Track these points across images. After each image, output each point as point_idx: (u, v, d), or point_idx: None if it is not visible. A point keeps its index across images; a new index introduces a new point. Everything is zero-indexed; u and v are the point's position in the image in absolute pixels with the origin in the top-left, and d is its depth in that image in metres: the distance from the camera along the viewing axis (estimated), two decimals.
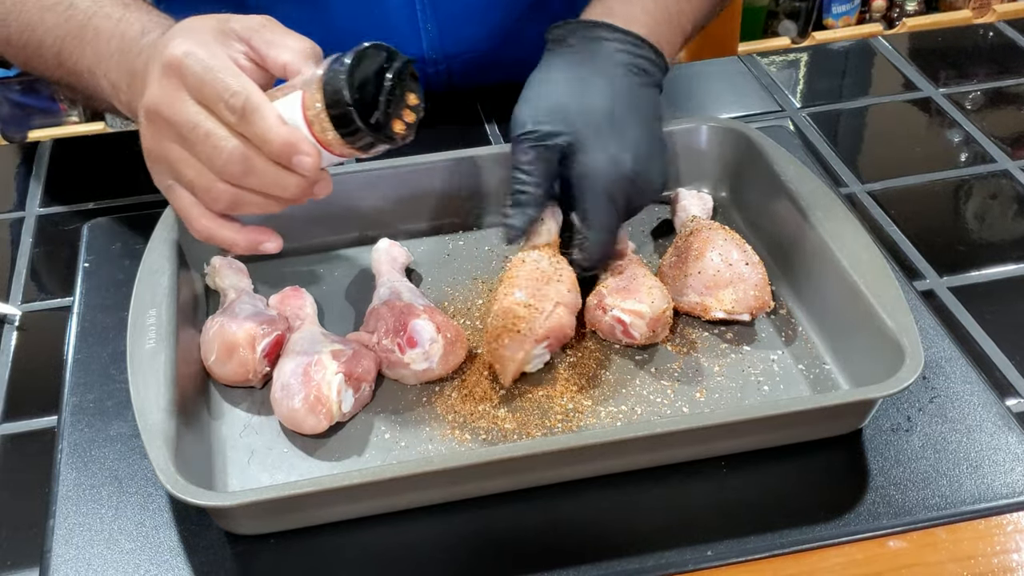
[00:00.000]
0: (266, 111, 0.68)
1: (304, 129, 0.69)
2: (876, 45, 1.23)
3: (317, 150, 0.69)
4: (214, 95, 0.68)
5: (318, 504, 0.68)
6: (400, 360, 0.77)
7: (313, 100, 0.68)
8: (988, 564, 0.68)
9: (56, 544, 0.69)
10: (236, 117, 0.68)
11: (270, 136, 0.68)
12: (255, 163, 0.69)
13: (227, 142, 0.68)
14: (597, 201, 0.80)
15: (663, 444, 0.71)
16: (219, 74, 0.68)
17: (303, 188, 0.71)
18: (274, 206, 0.72)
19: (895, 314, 0.74)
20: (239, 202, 0.71)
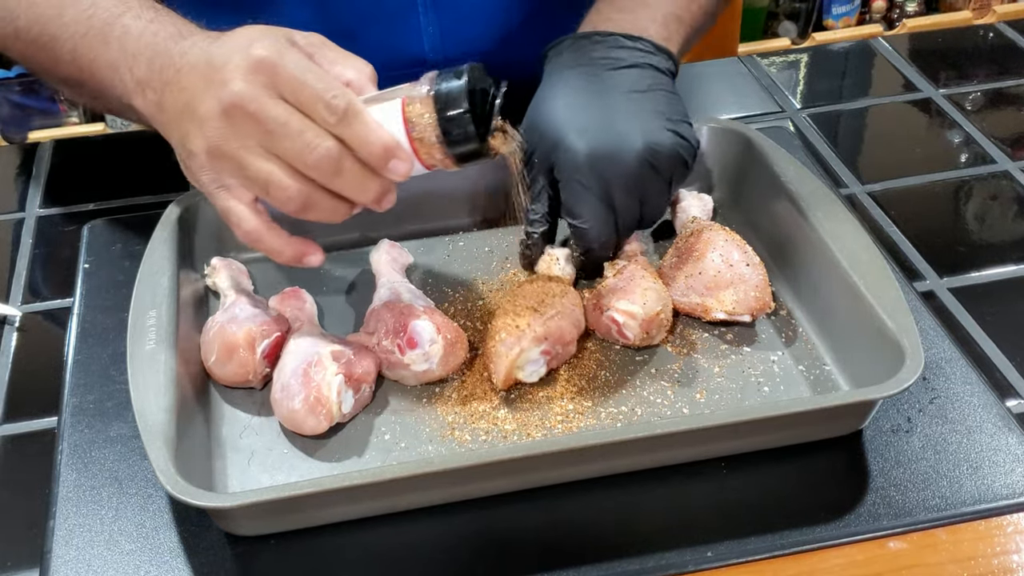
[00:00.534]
0: (367, 115, 0.70)
1: (402, 136, 0.71)
2: (876, 46, 1.23)
3: (412, 158, 0.71)
4: (313, 95, 0.69)
5: (318, 505, 0.68)
6: (400, 361, 0.77)
7: (422, 108, 0.71)
8: (988, 565, 0.68)
9: (56, 545, 0.69)
10: (336, 118, 0.68)
11: (371, 138, 0.69)
12: (346, 164, 0.70)
13: (322, 140, 0.69)
14: (569, 190, 0.82)
15: (663, 445, 0.71)
16: (318, 78, 0.69)
17: (380, 195, 0.72)
18: (341, 214, 0.73)
19: (895, 315, 0.74)
20: (311, 204, 0.71)
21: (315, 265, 0.76)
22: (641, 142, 0.80)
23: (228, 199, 0.73)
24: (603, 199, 0.81)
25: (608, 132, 0.81)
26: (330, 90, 0.69)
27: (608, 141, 0.80)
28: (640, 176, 0.81)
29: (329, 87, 0.69)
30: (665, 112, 0.82)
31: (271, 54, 0.69)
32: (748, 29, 2.30)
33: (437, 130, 0.71)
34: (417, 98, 0.71)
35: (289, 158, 0.70)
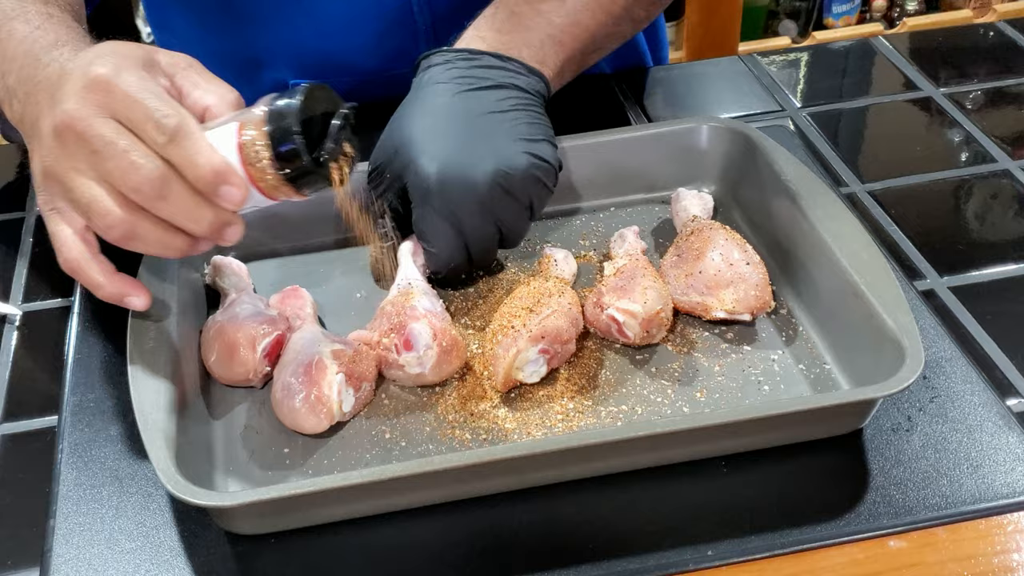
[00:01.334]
0: (200, 136, 0.66)
1: (236, 162, 0.67)
2: (876, 45, 1.23)
3: (246, 185, 0.67)
4: (143, 115, 0.65)
5: (318, 504, 0.68)
6: (395, 361, 0.77)
7: (254, 129, 0.67)
8: (988, 564, 0.68)
9: (56, 544, 0.69)
10: (165, 138, 0.65)
11: (200, 160, 0.65)
12: (173, 187, 0.66)
13: (148, 160, 0.65)
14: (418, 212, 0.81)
15: (663, 444, 0.71)
16: (152, 96, 0.66)
17: (215, 227, 0.68)
18: (172, 245, 0.69)
19: (895, 314, 0.74)
20: (135, 233, 0.68)
21: (137, 308, 0.73)
22: (492, 165, 0.78)
23: (58, 223, 0.70)
24: (453, 224, 0.80)
25: (460, 155, 0.79)
26: (161, 109, 0.65)
27: (459, 165, 0.79)
28: (492, 200, 0.79)
29: (161, 107, 0.66)
30: (524, 133, 0.81)
31: (107, 72, 0.66)
32: (748, 28, 2.30)
33: (268, 151, 0.67)
34: (251, 120, 0.67)
35: (114, 180, 0.66)
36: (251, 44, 1.09)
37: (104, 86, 0.66)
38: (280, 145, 0.66)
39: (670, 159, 0.95)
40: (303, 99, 0.67)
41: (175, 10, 1.13)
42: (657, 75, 1.19)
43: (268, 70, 1.10)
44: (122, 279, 0.72)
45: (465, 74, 0.83)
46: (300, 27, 1.06)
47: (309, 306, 0.84)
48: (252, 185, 0.68)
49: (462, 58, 0.85)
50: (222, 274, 0.86)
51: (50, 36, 0.75)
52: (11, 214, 1.01)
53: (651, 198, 0.96)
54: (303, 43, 1.08)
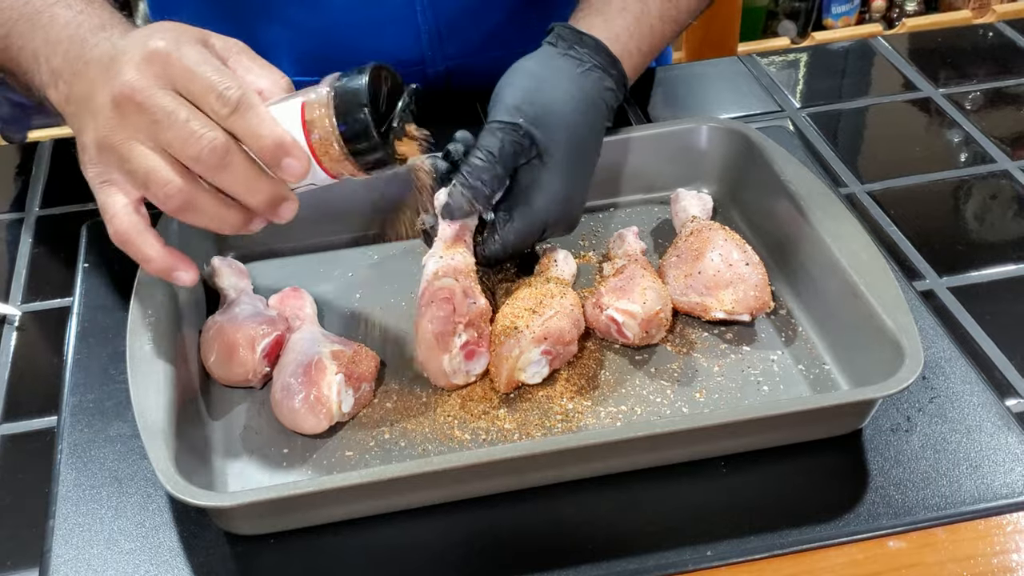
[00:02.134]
0: (263, 109, 0.67)
1: (300, 136, 0.68)
2: (876, 45, 1.23)
3: (308, 158, 0.68)
4: (205, 86, 0.66)
5: (318, 504, 0.68)
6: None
7: (320, 105, 0.67)
8: (988, 564, 0.68)
9: (56, 544, 0.69)
10: (228, 109, 0.66)
11: (263, 131, 0.66)
12: (234, 158, 0.67)
13: (209, 130, 0.66)
14: (527, 223, 0.81)
15: (663, 444, 0.71)
16: (213, 70, 0.67)
17: (271, 200, 0.69)
18: (228, 219, 0.69)
19: (895, 314, 0.74)
20: (193, 204, 0.68)
21: (185, 283, 0.73)
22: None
23: (111, 194, 0.70)
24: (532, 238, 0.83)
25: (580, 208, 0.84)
26: (224, 82, 0.66)
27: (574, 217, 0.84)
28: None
29: (224, 79, 0.66)
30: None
31: (166, 45, 0.67)
32: (748, 28, 2.30)
33: (335, 130, 0.67)
34: (316, 99, 0.68)
35: (174, 150, 0.66)
36: (254, 39, 1.09)
37: (164, 58, 0.67)
38: (348, 120, 0.67)
39: (669, 159, 0.95)
40: (370, 77, 0.68)
41: (178, 5, 1.13)
42: (657, 76, 1.19)
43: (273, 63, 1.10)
44: (172, 252, 0.72)
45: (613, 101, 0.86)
46: (303, 22, 1.06)
47: (309, 306, 0.84)
48: (314, 161, 0.68)
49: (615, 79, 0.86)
50: (221, 274, 0.86)
51: (95, 20, 0.76)
52: (11, 214, 1.01)
53: (650, 198, 0.96)
54: (306, 38, 1.08)
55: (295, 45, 1.08)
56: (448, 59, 1.11)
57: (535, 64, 0.85)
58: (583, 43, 0.85)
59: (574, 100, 0.82)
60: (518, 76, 0.83)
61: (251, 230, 0.71)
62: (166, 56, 0.67)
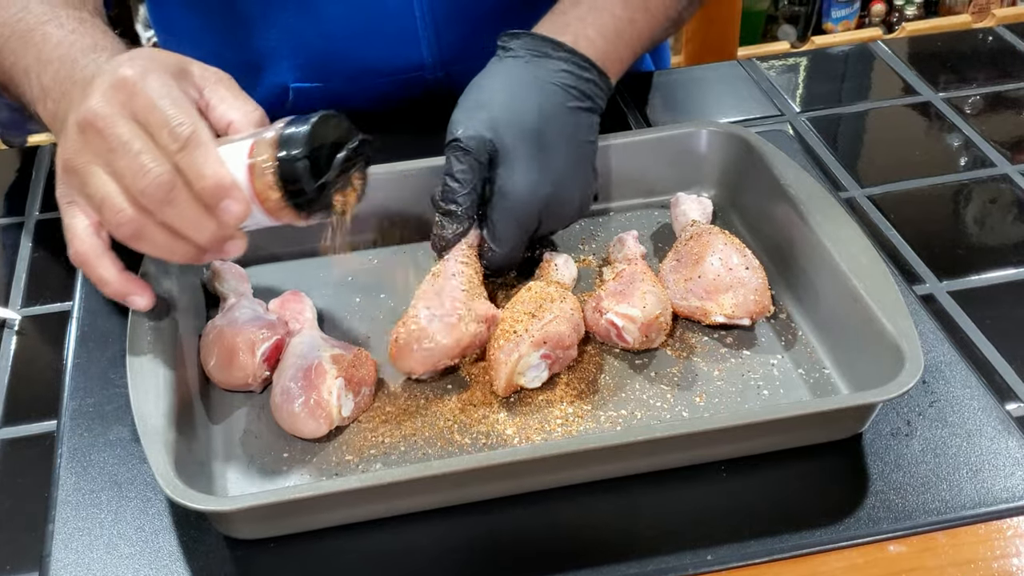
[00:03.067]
0: (210, 149, 0.67)
1: (244, 180, 0.68)
2: (876, 49, 1.23)
3: (248, 202, 0.68)
4: (161, 120, 0.67)
5: (317, 509, 0.68)
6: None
7: (263, 150, 0.68)
8: (988, 569, 0.67)
9: (55, 548, 0.69)
10: (177, 145, 0.66)
11: (206, 171, 0.67)
12: (179, 195, 0.67)
13: (157, 165, 0.66)
14: (506, 221, 0.82)
15: (662, 448, 0.71)
16: (172, 103, 0.67)
17: (216, 238, 0.69)
18: (177, 251, 0.70)
19: (895, 318, 0.74)
20: (143, 234, 0.69)
21: (140, 308, 0.74)
22: (581, 202, 0.86)
23: (73, 215, 0.71)
24: (530, 235, 0.84)
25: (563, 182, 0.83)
26: (178, 118, 0.67)
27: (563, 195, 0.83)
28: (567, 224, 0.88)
29: (179, 115, 0.67)
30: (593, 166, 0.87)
31: (134, 73, 0.68)
32: (747, 32, 2.30)
33: (275, 173, 0.68)
34: (264, 141, 0.68)
35: (125, 179, 0.67)
36: (253, 46, 1.09)
37: (129, 87, 0.68)
38: (286, 169, 0.67)
39: (669, 164, 0.95)
40: (314, 127, 0.68)
41: (178, 12, 1.13)
42: (656, 80, 1.19)
43: (270, 72, 1.10)
44: (128, 277, 0.73)
45: (576, 86, 0.85)
46: (302, 29, 1.06)
47: (309, 310, 0.84)
48: (257, 204, 0.69)
49: (577, 64, 0.85)
50: (221, 278, 0.86)
51: (87, 40, 0.77)
52: (10, 218, 1.01)
53: (650, 202, 0.96)
54: (305, 45, 1.08)
55: (294, 49, 1.08)
56: (447, 65, 1.11)
57: (481, 79, 0.86)
58: (517, 39, 0.86)
59: (516, 92, 0.83)
60: (464, 97, 0.85)
61: (203, 261, 0.72)
62: (132, 85, 0.68)
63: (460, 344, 0.77)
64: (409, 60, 1.08)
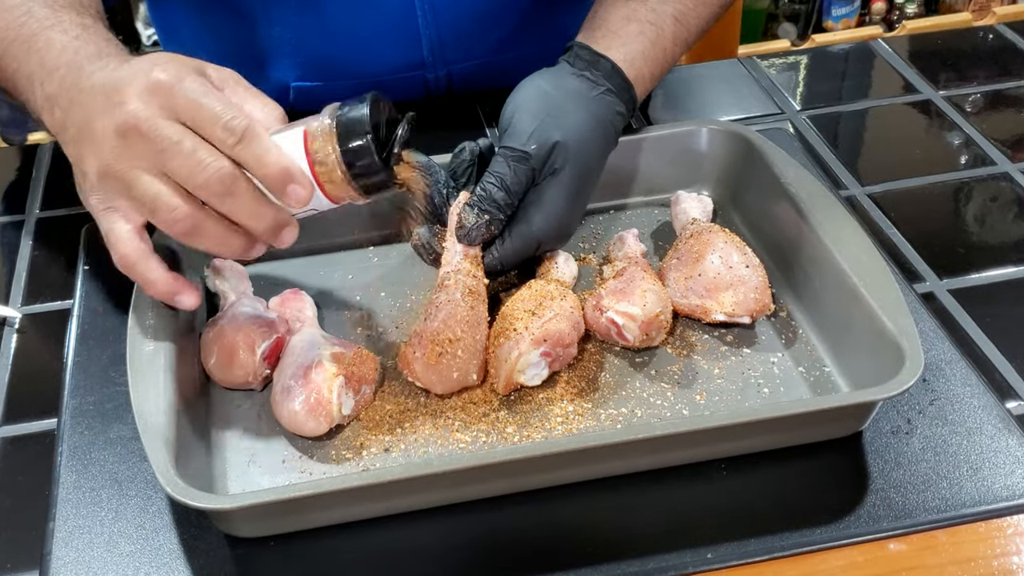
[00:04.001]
0: (268, 138, 0.69)
1: (303, 164, 0.70)
2: (876, 47, 1.23)
3: (312, 185, 0.71)
4: (211, 116, 0.68)
5: (318, 507, 0.68)
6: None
7: (321, 135, 0.70)
8: (988, 567, 0.68)
9: (56, 546, 0.69)
10: (234, 139, 0.68)
11: (269, 160, 0.68)
12: (239, 185, 0.69)
13: (215, 159, 0.68)
14: (525, 242, 0.82)
15: (663, 447, 0.71)
16: (217, 100, 0.69)
17: (274, 226, 0.71)
18: (232, 243, 0.71)
19: (895, 317, 0.74)
20: (199, 228, 0.70)
21: (187, 307, 0.75)
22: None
23: (115, 221, 0.72)
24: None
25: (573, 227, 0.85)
26: (229, 112, 0.68)
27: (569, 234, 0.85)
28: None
29: (228, 110, 0.69)
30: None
31: (170, 77, 0.69)
32: (748, 31, 2.30)
33: (339, 160, 0.70)
34: (319, 128, 0.71)
35: (180, 178, 0.69)
36: (254, 45, 1.09)
37: (167, 90, 0.69)
38: (352, 147, 0.70)
39: (670, 162, 0.95)
40: (370, 106, 0.71)
41: (178, 10, 1.13)
42: None
43: (271, 70, 1.10)
44: (175, 277, 0.74)
45: (620, 125, 0.87)
46: (303, 28, 1.06)
47: (309, 309, 0.84)
48: (317, 187, 0.71)
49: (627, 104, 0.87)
50: (222, 276, 0.86)
51: (91, 47, 0.77)
52: (11, 216, 1.01)
53: (651, 201, 0.96)
54: (306, 44, 1.08)
55: (296, 51, 1.08)
56: (448, 64, 1.11)
57: (548, 84, 0.85)
58: (599, 66, 0.86)
59: (585, 125, 0.83)
60: (531, 98, 0.84)
61: (253, 255, 0.73)
62: (169, 87, 0.69)
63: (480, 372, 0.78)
64: (411, 59, 1.08)
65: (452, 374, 0.76)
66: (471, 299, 0.79)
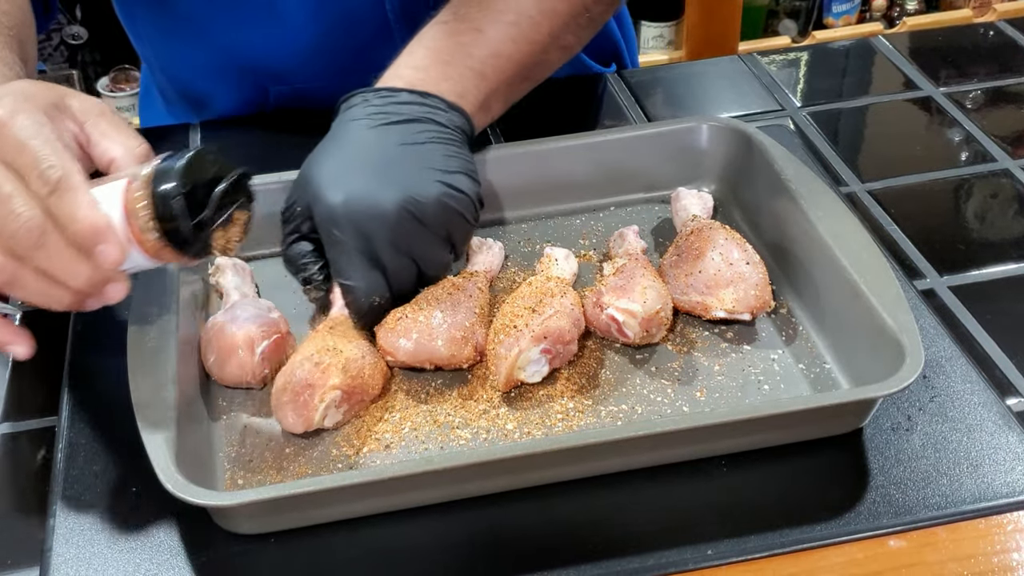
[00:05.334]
0: (82, 192, 0.65)
1: (119, 221, 0.66)
2: (876, 44, 1.23)
3: (124, 245, 0.66)
4: (30, 162, 0.64)
5: (318, 503, 0.68)
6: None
7: (138, 189, 0.66)
8: (988, 563, 0.68)
9: (56, 543, 0.69)
10: (48, 189, 0.64)
11: (79, 215, 0.64)
12: (51, 239, 0.64)
13: (27, 209, 0.64)
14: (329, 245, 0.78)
15: (663, 443, 0.71)
16: (42, 144, 0.65)
17: (94, 282, 0.67)
18: (54, 297, 0.67)
19: (895, 313, 0.74)
20: (17, 281, 0.66)
21: (20, 357, 0.72)
22: (401, 194, 0.76)
23: None
24: (365, 254, 0.77)
25: (368, 185, 0.77)
26: (48, 160, 0.64)
27: (366, 194, 0.77)
28: (402, 229, 0.77)
29: (49, 156, 0.64)
30: (438, 164, 0.79)
31: (3, 114, 0.65)
32: (748, 27, 2.30)
33: (150, 212, 0.65)
34: (139, 178, 0.66)
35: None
36: (225, 52, 1.08)
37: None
38: (161, 207, 0.65)
39: (670, 159, 0.95)
40: (188, 161, 0.66)
41: (145, 20, 1.12)
42: (657, 75, 1.19)
43: (247, 75, 1.10)
44: (9, 328, 0.71)
45: (381, 110, 0.81)
46: (272, 36, 1.05)
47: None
48: (137, 245, 0.67)
49: (379, 96, 0.82)
50: (226, 274, 0.86)
51: None
52: None
53: (651, 197, 0.96)
54: (277, 51, 1.06)
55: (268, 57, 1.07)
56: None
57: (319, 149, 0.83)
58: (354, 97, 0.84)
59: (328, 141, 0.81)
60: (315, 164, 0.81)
61: (86, 308, 0.70)
62: (1, 125, 0.65)
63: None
64: (386, 59, 1.08)
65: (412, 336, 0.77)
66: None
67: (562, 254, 0.87)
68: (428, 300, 0.79)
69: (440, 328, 0.78)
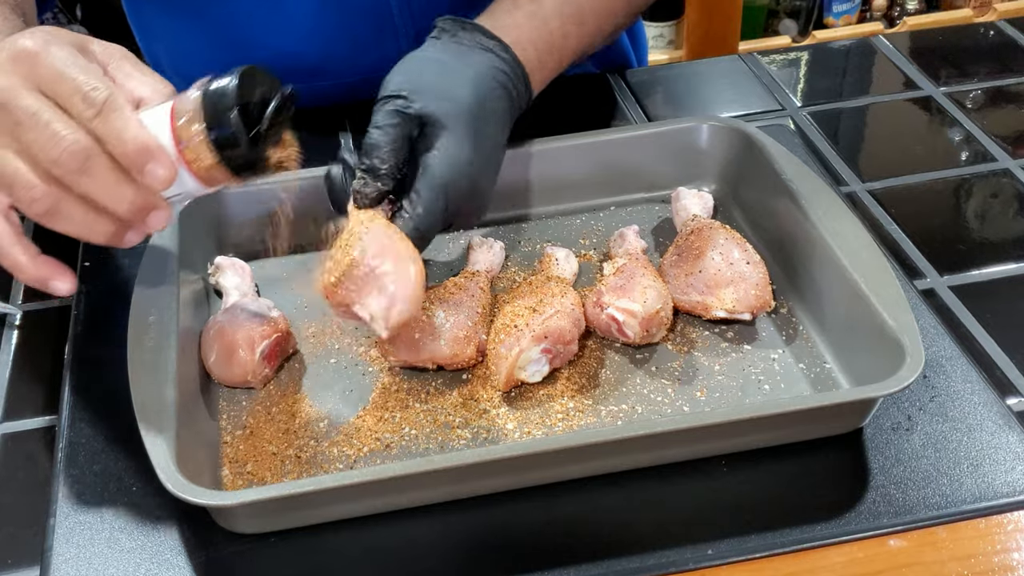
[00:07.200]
0: (129, 112, 0.64)
1: (168, 142, 0.65)
2: (877, 44, 1.23)
3: (174, 165, 0.65)
4: (71, 87, 0.64)
5: (319, 503, 0.68)
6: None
7: (189, 110, 0.65)
8: (988, 563, 0.68)
9: (57, 542, 0.69)
10: (94, 111, 0.63)
11: (127, 135, 0.63)
12: (96, 162, 0.64)
13: (70, 132, 0.63)
14: (430, 192, 0.77)
15: (663, 443, 0.71)
16: (81, 70, 0.64)
17: (138, 207, 0.66)
18: (96, 227, 0.67)
19: (896, 313, 0.74)
20: (58, 209, 0.65)
21: (61, 293, 0.70)
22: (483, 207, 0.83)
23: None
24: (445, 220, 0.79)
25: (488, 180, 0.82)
26: (90, 82, 0.64)
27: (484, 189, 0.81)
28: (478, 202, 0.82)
29: (90, 80, 0.64)
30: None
31: (35, 45, 0.65)
32: (749, 27, 2.30)
33: (204, 135, 0.65)
34: (187, 101, 0.65)
35: (35, 152, 0.64)
36: (229, 47, 1.08)
37: (31, 58, 0.65)
38: (216, 126, 0.65)
39: (670, 158, 0.95)
40: (240, 80, 0.65)
41: (153, 14, 1.12)
42: (657, 74, 1.19)
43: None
44: (46, 261, 0.69)
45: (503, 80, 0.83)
46: (276, 32, 1.05)
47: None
48: (186, 168, 0.66)
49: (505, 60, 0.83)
50: (226, 274, 0.86)
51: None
52: None
53: (651, 197, 0.96)
54: (281, 47, 1.06)
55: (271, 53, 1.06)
56: None
57: (417, 52, 0.83)
58: (465, 29, 0.84)
59: (457, 71, 0.80)
60: (400, 64, 0.81)
61: (125, 243, 0.69)
62: (34, 56, 0.65)
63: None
64: (388, 54, 1.07)
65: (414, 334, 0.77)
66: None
67: (562, 254, 0.87)
68: (431, 299, 0.79)
69: (443, 327, 0.78)
